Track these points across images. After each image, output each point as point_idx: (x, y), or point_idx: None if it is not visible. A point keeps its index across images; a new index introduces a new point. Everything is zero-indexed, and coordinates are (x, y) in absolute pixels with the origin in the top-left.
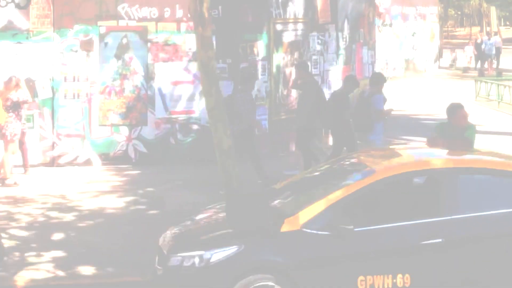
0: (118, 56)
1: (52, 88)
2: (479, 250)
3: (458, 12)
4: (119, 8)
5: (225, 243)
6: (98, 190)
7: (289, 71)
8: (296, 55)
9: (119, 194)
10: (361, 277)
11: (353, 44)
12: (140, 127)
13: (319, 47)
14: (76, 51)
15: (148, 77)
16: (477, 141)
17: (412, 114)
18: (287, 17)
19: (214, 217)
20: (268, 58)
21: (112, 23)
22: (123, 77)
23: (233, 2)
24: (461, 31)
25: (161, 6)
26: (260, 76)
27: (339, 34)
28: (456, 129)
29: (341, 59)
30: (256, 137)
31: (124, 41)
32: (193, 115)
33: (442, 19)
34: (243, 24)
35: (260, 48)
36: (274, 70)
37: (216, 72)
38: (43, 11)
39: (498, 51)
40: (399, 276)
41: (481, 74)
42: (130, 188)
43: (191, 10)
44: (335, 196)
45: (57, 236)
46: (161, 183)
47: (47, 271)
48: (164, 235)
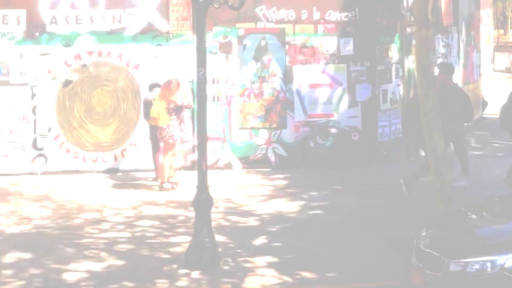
0: (257, 59)
1: (192, 91)
2: None
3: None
4: (257, 10)
5: None
6: (262, 194)
7: None
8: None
9: (287, 198)
10: None
11: (468, 47)
12: (280, 130)
13: (444, 50)
14: (216, 53)
15: (287, 80)
16: None
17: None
18: None
19: (488, 221)
20: (401, 61)
21: (250, 25)
22: (262, 80)
23: (370, 4)
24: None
25: (298, 8)
26: (394, 80)
27: (459, 37)
28: None
29: (461, 62)
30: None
31: (263, 43)
32: (332, 118)
33: (500, 21)
34: (379, 27)
35: (394, 51)
36: (406, 73)
37: (434, 75)
38: (182, 13)
39: None
40: None
41: None
42: (293, 192)
43: (415, 12)
44: None
45: (258, 241)
46: (321, 187)
47: (273, 277)
48: (423, 238)
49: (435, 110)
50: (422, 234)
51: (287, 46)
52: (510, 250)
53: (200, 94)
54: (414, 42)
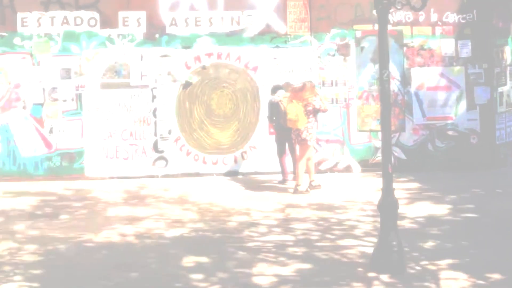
0: (374, 61)
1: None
2: None
3: None
4: (375, 12)
5: None
6: (401, 197)
7: None
8: None
9: (431, 201)
10: None
11: None
12: (398, 133)
13: None
14: (333, 55)
15: (405, 82)
16: None
17: None
18: None
19: None
20: None
21: (368, 27)
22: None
23: (486, 7)
24: None
25: None
26: (508, 82)
27: None
28: None
29: None
30: None
31: None
32: (450, 121)
33: None
34: (494, 29)
35: (508, 54)
36: None
37: None
38: (300, 15)
39: None
40: None
41: None
42: (433, 195)
43: None
44: None
45: (428, 244)
46: (457, 190)
47: (466, 280)
48: None
49: None
50: None
51: (405, 48)
52: None
53: (384, 96)
54: None
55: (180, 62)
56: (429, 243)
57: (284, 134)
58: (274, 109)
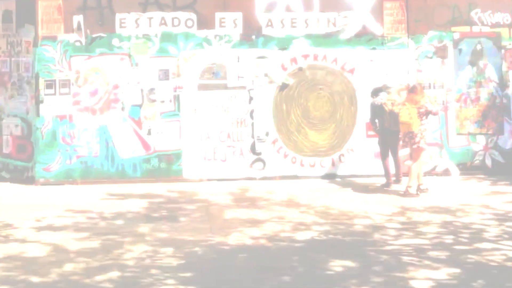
0: (473, 63)
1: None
2: None
3: None
4: (472, 14)
5: None
6: None
7: None
8: None
9: None
10: None
11: None
12: (496, 136)
13: None
14: (431, 58)
15: (503, 85)
16: None
17: None
18: None
19: None
20: None
21: (465, 29)
22: (478, 85)
23: None
24: None
25: None
26: None
27: None
28: None
29: None
30: None
31: (478, 48)
32: None
33: None
34: None
35: None
36: None
37: None
38: (397, 17)
39: None
40: None
41: None
42: None
43: None
44: None
45: None
46: None
47: None
48: None
49: None
50: None
51: (503, 51)
52: None
53: None
54: None
55: (277, 64)
56: None
57: (388, 137)
58: (377, 112)
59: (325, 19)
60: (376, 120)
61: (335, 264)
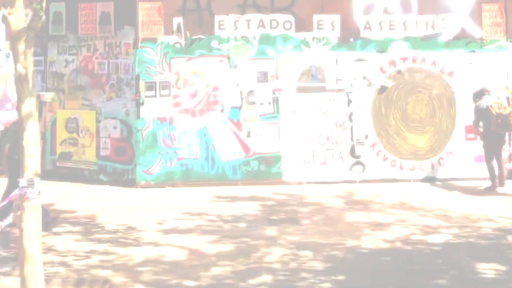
0: None
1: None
2: None
3: None
4: None
5: None
6: None
7: None
8: None
9: None
10: None
11: None
12: None
13: None
14: None
15: None
16: None
17: None
18: None
19: None
20: None
21: None
22: None
23: None
24: None
25: None
26: None
27: None
28: None
29: None
30: None
31: None
32: None
33: None
34: None
35: None
36: None
37: None
38: (495, 19)
39: None
40: None
41: None
42: None
43: None
44: None
45: None
46: None
47: None
48: None
49: None
50: None
51: None
52: None
53: None
54: None
55: (375, 66)
56: None
57: (493, 140)
58: (482, 115)
59: (424, 22)
60: (481, 123)
61: (485, 268)
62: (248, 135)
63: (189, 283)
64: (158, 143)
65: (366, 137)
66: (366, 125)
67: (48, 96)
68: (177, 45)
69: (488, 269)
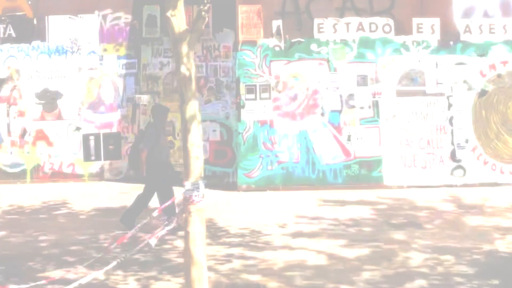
0: None
1: None
2: None
3: None
4: None
5: None
6: None
7: None
8: None
9: None
10: None
11: None
12: None
13: None
14: None
15: None
16: None
17: None
18: None
19: None
20: None
21: None
22: None
23: None
24: None
25: None
26: None
27: None
28: None
29: None
30: None
31: None
32: None
33: None
34: None
35: None
36: None
37: None
38: None
39: None
40: None
41: None
42: None
43: None
44: None
45: None
46: None
47: None
48: None
49: None
50: None
51: None
52: None
53: None
54: None
55: (475, 70)
56: None
57: None
58: None
59: None
60: None
61: None
62: (349, 139)
63: None
64: (259, 146)
65: (467, 141)
66: (467, 129)
67: (144, 99)
68: (277, 48)
69: None
